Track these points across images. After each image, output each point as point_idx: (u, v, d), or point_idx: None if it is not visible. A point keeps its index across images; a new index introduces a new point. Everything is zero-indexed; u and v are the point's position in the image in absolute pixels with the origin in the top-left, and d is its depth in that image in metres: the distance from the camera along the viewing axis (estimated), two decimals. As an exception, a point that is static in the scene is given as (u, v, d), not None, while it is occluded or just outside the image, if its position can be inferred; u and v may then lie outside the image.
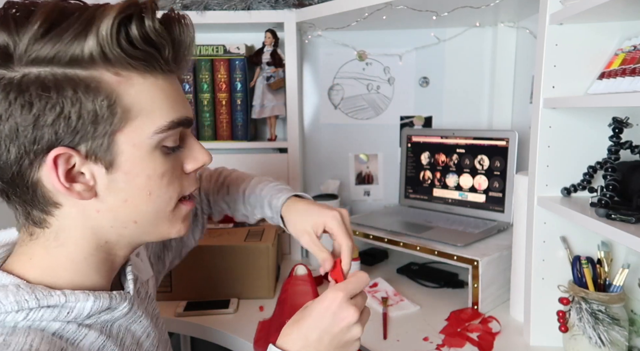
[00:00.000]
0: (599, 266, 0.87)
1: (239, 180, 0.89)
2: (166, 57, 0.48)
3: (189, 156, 0.55)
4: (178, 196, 0.54)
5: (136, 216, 0.51)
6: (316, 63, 1.57)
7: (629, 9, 0.76)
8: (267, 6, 1.37)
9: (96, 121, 0.45)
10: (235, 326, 1.06)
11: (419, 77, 1.54)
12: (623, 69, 0.76)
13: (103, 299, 0.50)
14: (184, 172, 0.54)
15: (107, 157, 0.47)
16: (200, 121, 1.43)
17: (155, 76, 0.49)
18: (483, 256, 1.07)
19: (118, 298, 0.52)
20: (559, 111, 0.88)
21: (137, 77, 0.47)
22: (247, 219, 0.89)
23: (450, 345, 0.95)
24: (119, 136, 0.47)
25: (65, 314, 0.47)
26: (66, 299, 0.47)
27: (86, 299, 0.48)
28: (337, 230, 0.70)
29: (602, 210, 0.74)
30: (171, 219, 0.54)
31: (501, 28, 1.41)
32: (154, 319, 0.64)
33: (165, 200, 0.52)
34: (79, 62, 0.44)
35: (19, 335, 0.44)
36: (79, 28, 0.43)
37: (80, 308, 0.48)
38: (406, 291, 1.22)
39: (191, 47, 0.51)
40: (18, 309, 0.45)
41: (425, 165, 1.48)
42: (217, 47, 1.41)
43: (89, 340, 0.50)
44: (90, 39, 0.43)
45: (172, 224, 0.55)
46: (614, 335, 0.81)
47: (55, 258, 0.50)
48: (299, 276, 1.06)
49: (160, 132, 0.49)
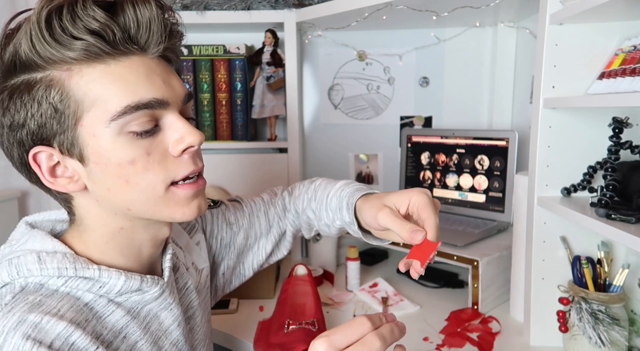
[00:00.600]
0: (599, 266, 0.87)
1: (328, 184, 0.78)
2: (112, 41, 0.47)
3: (173, 137, 0.52)
4: (164, 181, 0.52)
5: (126, 203, 0.52)
6: (316, 63, 1.57)
7: (629, 9, 0.76)
8: (267, 6, 1.37)
9: (56, 117, 0.48)
10: (235, 326, 1.06)
11: (419, 77, 1.54)
12: (623, 69, 0.76)
13: (134, 280, 0.53)
14: (171, 155, 0.52)
15: (75, 151, 0.49)
16: (200, 121, 1.43)
17: (105, 62, 0.48)
18: (483, 256, 1.07)
19: (149, 282, 0.55)
20: (559, 111, 0.88)
21: (86, 68, 0.47)
22: (329, 231, 0.78)
23: (450, 345, 0.95)
24: (79, 129, 0.48)
25: (98, 288, 0.51)
26: (100, 274, 0.51)
27: (118, 277, 0.52)
28: (424, 205, 0.58)
29: (602, 210, 0.74)
30: (167, 203, 0.53)
31: (501, 28, 1.41)
32: (189, 310, 0.65)
33: (149, 186, 0.51)
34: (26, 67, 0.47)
35: (54, 299, 0.49)
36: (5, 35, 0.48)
37: (111, 284, 0.52)
38: (406, 291, 1.22)
39: (152, 23, 0.49)
40: (59, 275, 0.50)
41: (425, 165, 1.48)
42: (217, 47, 1.41)
43: (115, 317, 0.53)
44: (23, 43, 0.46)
45: (172, 209, 0.53)
46: (614, 335, 0.81)
47: (85, 240, 0.55)
48: (299, 276, 1.06)
49: (116, 118, 0.48)
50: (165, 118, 0.52)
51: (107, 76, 0.48)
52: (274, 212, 0.85)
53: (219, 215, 0.80)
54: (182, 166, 0.53)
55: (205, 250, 0.74)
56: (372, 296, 1.18)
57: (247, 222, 0.82)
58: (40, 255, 0.50)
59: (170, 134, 0.52)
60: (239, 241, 0.81)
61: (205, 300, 0.72)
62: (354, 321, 0.46)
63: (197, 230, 0.75)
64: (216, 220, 0.79)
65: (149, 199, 0.52)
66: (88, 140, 0.48)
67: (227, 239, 0.80)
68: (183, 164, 0.53)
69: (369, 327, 0.46)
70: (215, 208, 0.80)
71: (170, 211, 0.54)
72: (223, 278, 0.81)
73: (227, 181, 1.47)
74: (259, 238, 0.83)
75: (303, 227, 0.84)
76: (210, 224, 0.78)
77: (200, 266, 0.71)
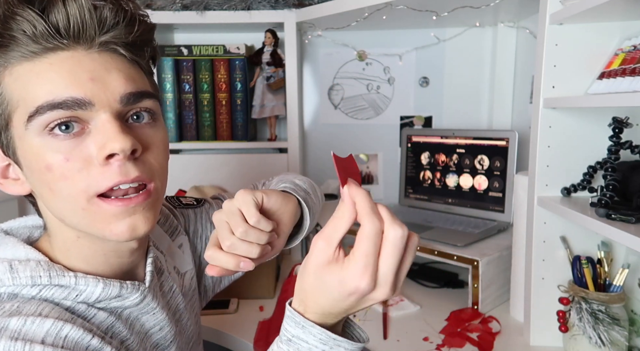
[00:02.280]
0: (599, 266, 0.87)
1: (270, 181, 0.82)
2: (34, 37, 0.44)
3: (97, 143, 0.45)
4: (85, 191, 0.46)
5: (57, 212, 0.49)
6: (316, 63, 1.57)
7: (629, 9, 0.76)
8: (267, 6, 1.37)
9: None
10: (235, 326, 1.06)
11: (419, 77, 1.54)
12: (623, 69, 0.76)
13: (113, 287, 0.51)
14: (97, 163, 0.46)
15: (10, 152, 0.48)
16: (200, 121, 1.43)
17: (31, 60, 0.45)
18: (483, 256, 1.07)
19: (129, 288, 0.52)
20: (559, 111, 0.88)
21: (16, 67, 0.45)
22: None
23: (450, 345, 0.95)
24: (11, 130, 0.47)
25: (75, 296, 0.49)
26: (76, 281, 0.49)
27: (95, 285, 0.50)
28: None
29: (602, 210, 0.74)
30: (94, 218, 0.47)
31: (501, 28, 1.41)
32: (176, 313, 0.64)
33: (69, 196, 0.46)
34: None
35: (32, 304, 0.47)
36: None
37: (89, 292, 0.49)
38: (406, 291, 1.22)
39: (84, 15, 0.45)
40: (32, 284, 0.47)
41: (425, 165, 1.48)
42: (217, 47, 1.41)
43: (99, 319, 0.51)
44: None
45: (100, 225, 0.48)
46: (614, 335, 0.81)
47: (54, 246, 0.53)
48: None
49: (31, 119, 0.44)
50: (94, 120, 0.46)
51: (29, 74, 0.45)
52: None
53: (203, 214, 0.77)
54: (107, 176, 0.46)
55: (189, 253, 0.71)
56: (372, 296, 1.18)
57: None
58: (12, 264, 0.48)
59: (97, 138, 0.46)
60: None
61: (192, 303, 0.70)
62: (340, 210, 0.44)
63: (180, 232, 0.71)
64: (200, 219, 0.76)
65: (73, 210, 0.47)
66: (17, 142, 0.47)
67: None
68: (109, 173, 0.46)
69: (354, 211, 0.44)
70: (199, 207, 0.78)
71: (98, 227, 0.48)
72: (212, 278, 0.78)
73: (227, 181, 1.47)
74: None
75: None
76: (193, 224, 0.75)
77: (182, 269, 0.68)
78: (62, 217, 0.49)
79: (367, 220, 0.43)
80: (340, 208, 0.45)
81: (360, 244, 0.43)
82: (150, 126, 0.51)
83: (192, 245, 0.74)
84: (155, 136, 0.51)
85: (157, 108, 0.52)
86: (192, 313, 0.69)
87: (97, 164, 0.46)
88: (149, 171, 0.49)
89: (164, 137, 0.53)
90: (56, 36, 0.44)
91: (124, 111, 0.48)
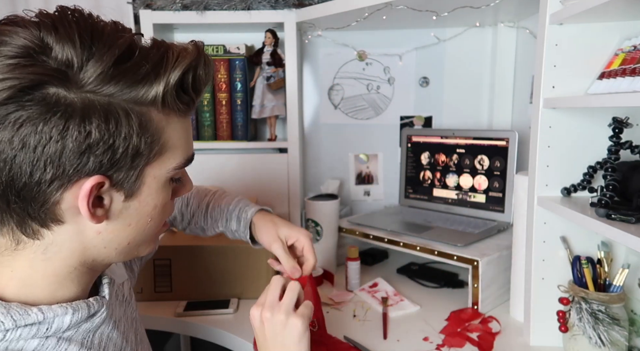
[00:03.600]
0: (599, 266, 0.87)
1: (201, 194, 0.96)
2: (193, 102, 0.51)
3: (182, 186, 0.58)
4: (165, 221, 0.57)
5: (132, 238, 0.52)
6: (316, 63, 1.57)
7: (629, 9, 0.76)
8: (267, 6, 1.37)
9: (136, 155, 0.46)
10: (235, 326, 1.06)
11: (419, 77, 1.54)
12: (623, 69, 0.76)
13: (82, 310, 0.49)
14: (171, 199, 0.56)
15: (132, 187, 0.48)
16: (200, 121, 1.43)
17: (183, 117, 0.51)
18: (483, 256, 1.07)
19: (96, 305, 0.52)
20: (559, 111, 0.88)
21: (175, 117, 0.50)
22: (204, 232, 0.95)
23: (450, 345, 0.95)
24: (147, 169, 0.49)
25: (45, 330, 0.47)
26: (44, 316, 0.46)
27: (65, 313, 0.48)
28: (309, 247, 0.81)
29: (602, 210, 0.74)
30: (153, 240, 0.57)
31: (501, 28, 1.41)
32: (134, 322, 0.64)
33: (157, 225, 0.54)
34: (140, 102, 0.45)
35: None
36: (148, 73, 0.45)
37: (59, 322, 0.48)
38: (406, 291, 1.22)
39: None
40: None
41: (425, 165, 1.48)
42: (217, 47, 1.41)
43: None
44: (159, 85, 0.45)
45: (150, 245, 0.57)
46: (614, 335, 0.81)
47: (38, 271, 0.49)
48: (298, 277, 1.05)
49: (179, 168, 0.52)
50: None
51: (182, 128, 0.51)
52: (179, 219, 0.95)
53: None
54: (174, 208, 0.60)
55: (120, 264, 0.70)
56: (372, 296, 1.18)
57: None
58: None
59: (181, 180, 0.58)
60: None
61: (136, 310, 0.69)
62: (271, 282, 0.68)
63: None
64: None
65: (149, 235, 0.54)
66: (148, 180, 0.49)
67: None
68: (174, 206, 0.60)
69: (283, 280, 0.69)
70: None
71: (147, 247, 0.56)
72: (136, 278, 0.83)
73: (227, 181, 1.47)
74: None
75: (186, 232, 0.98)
76: None
77: (118, 281, 0.66)
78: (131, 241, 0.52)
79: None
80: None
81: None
82: None
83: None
84: None
85: None
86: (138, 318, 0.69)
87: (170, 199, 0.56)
88: None
89: None
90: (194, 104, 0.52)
91: None
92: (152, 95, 0.45)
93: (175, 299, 1.16)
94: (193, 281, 1.17)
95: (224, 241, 1.21)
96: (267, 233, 0.83)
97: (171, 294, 1.17)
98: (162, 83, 0.46)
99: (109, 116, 0.43)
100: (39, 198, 0.44)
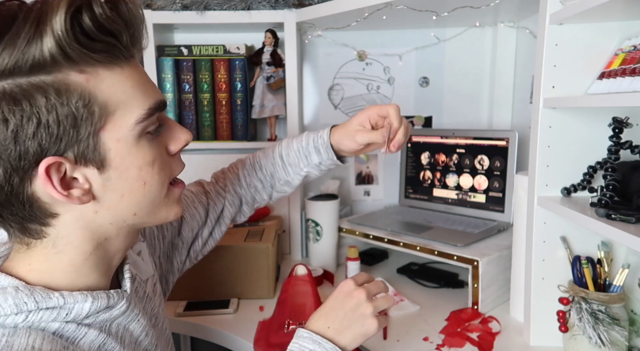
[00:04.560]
0: (599, 266, 0.87)
1: (267, 152, 0.93)
2: (125, 43, 0.46)
3: (171, 137, 0.54)
4: (169, 180, 0.54)
5: (135, 208, 0.51)
6: (316, 63, 1.57)
7: (629, 9, 0.76)
8: (267, 6, 1.37)
9: (76, 124, 0.44)
10: (235, 326, 1.06)
11: (419, 77, 1.54)
12: (623, 69, 0.76)
13: (101, 299, 0.50)
14: (170, 155, 0.54)
15: (96, 158, 0.46)
16: (200, 121, 1.43)
17: (120, 65, 0.47)
18: (483, 256, 1.07)
19: (116, 297, 0.52)
20: (559, 111, 0.88)
21: (104, 71, 0.45)
22: (290, 186, 0.92)
23: (450, 345, 0.95)
24: (102, 134, 0.46)
25: (64, 315, 0.48)
26: (65, 301, 0.47)
27: (84, 300, 0.49)
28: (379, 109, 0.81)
29: (602, 210, 0.74)
30: (167, 203, 0.54)
31: (501, 28, 1.41)
32: (152, 318, 0.64)
33: (159, 187, 0.52)
34: (41, 66, 0.41)
35: (20, 336, 0.45)
36: (30, 30, 0.41)
37: (78, 309, 0.48)
38: (406, 291, 1.22)
39: (143, 26, 0.49)
40: (17, 311, 0.45)
41: (425, 165, 1.48)
42: (217, 47, 1.41)
43: (89, 338, 0.50)
44: (47, 39, 0.41)
45: (169, 209, 0.55)
46: (614, 335, 0.81)
47: (54, 263, 0.50)
48: (299, 276, 1.06)
49: (141, 121, 0.48)
50: (163, 118, 0.54)
51: (125, 78, 0.47)
52: (207, 198, 0.89)
53: None
54: (179, 164, 0.56)
55: (148, 258, 0.70)
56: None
57: (188, 215, 0.84)
58: None
59: (168, 133, 0.54)
60: (185, 234, 0.83)
61: (161, 307, 0.70)
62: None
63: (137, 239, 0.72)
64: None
65: (155, 199, 0.52)
66: (111, 145, 0.47)
67: (169, 237, 0.81)
68: (178, 162, 0.56)
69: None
70: None
71: (167, 211, 0.55)
72: (178, 273, 0.84)
73: (227, 181, 1.47)
74: (202, 226, 0.87)
75: (247, 202, 0.94)
76: (148, 227, 0.75)
77: (144, 277, 0.67)
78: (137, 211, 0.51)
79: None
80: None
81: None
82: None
83: (151, 246, 0.75)
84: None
85: None
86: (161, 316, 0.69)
87: (167, 156, 0.53)
88: None
89: None
90: (135, 44, 0.48)
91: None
92: (47, 53, 0.41)
93: (175, 299, 1.16)
94: (193, 281, 1.17)
95: (224, 241, 1.21)
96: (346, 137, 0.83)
97: (171, 294, 1.16)
98: (49, 36, 0.41)
99: (17, 97, 0.41)
100: (15, 199, 0.45)
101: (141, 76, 0.50)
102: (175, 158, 0.55)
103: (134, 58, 0.49)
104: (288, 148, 0.90)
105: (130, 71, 0.48)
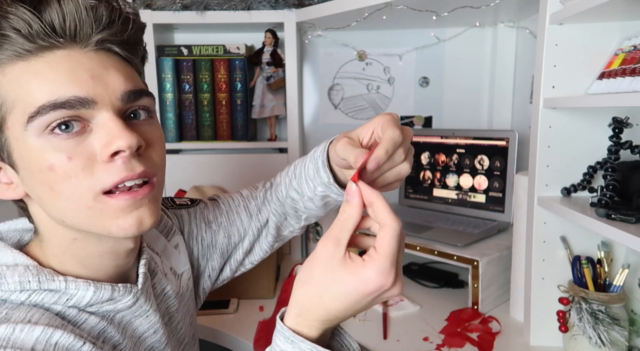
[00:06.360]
0: (599, 266, 0.87)
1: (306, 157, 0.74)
2: (30, 36, 0.43)
3: (101, 140, 0.45)
4: (91, 189, 0.45)
5: (57, 213, 0.47)
6: (316, 63, 1.57)
7: (629, 9, 0.76)
8: (267, 6, 1.37)
9: None
10: (235, 326, 1.06)
11: (419, 77, 1.54)
12: (623, 69, 0.76)
13: (104, 290, 0.50)
14: (101, 160, 0.46)
15: (5, 156, 0.47)
16: (200, 121, 1.43)
17: (25, 59, 0.44)
18: (483, 256, 1.07)
19: (121, 291, 0.52)
20: (559, 111, 0.88)
21: (8, 66, 0.44)
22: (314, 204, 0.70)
23: (450, 345, 0.95)
24: (6, 132, 0.45)
25: (65, 300, 0.48)
26: (66, 285, 0.48)
27: (86, 288, 0.49)
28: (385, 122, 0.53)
29: (602, 210, 0.74)
30: (100, 215, 0.47)
31: (501, 28, 1.41)
32: (166, 316, 0.63)
33: (74, 195, 0.45)
34: None
35: (21, 310, 0.46)
36: None
37: (79, 296, 0.49)
38: (406, 291, 1.22)
39: (80, 13, 0.44)
40: (21, 289, 0.47)
41: (425, 165, 1.48)
42: (217, 47, 1.41)
43: (90, 324, 0.50)
44: None
45: (106, 221, 0.47)
46: (614, 335, 0.81)
47: (45, 251, 0.52)
48: (299, 276, 1.06)
49: (32, 120, 0.43)
50: (96, 118, 0.46)
51: (25, 73, 0.43)
52: (254, 204, 0.79)
53: (197, 214, 0.75)
54: (113, 172, 0.46)
55: (185, 253, 0.70)
56: (372, 296, 1.18)
57: (225, 220, 0.77)
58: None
59: (100, 136, 0.45)
60: (220, 241, 0.76)
61: (187, 304, 0.69)
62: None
63: (175, 232, 0.70)
64: (194, 220, 0.74)
65: (77, 209, 0.46)
66: (13, 144, 0.45)
67: (208, 240, 0.75)
68: (114, 169, 0.46)
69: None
70: (192, 207, 0.76)
71: (104, 224, 0.47)
72: (209, 280, 0.76)
73: (227, 181, 1.47)
74: (243, 236, 0.78)
75: (289, 214, 0.77)
76: (188, 225, 0.74)
77: (179, 270, 0.67)
78: (63, 218, 0.47)
79: (390, 220, 0.44)
80: (346, 209, 0.46)
81: (386, 243, 0.44)
82: (148, 123, 0.51)
83: (188, 246, 0.73)
84: (153, 133, 0.51)
85: (153, 106, 0.52)
86: (187, 314, 0.68)
87: (100, 162, 0.45)
88: (152, 166, 0.49)
89: (161, 133, 0.53)
90: (52, 34, 0.44)
91: (123, 108, 0.48)
92: None
93: (175, 299, 1.16)
94: (193, 281, 1.17)
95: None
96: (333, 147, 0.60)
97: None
98: None
99: None
100: None
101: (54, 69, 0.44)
102: (111, 165, 0.46)
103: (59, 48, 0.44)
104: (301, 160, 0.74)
105: (41, 65, 0.44)
